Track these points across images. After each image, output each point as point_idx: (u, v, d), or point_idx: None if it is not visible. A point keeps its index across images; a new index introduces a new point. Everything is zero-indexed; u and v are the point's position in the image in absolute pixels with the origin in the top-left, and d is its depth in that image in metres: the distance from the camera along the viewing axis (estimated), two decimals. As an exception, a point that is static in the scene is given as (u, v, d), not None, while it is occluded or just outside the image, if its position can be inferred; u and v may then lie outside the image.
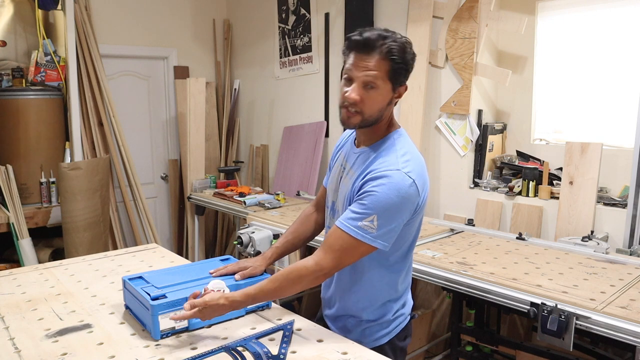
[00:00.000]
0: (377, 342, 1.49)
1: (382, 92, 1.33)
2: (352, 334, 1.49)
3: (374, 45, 1.29)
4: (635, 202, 2.40)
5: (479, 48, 3.01)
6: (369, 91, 1.32)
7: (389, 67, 1.31)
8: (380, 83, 1.31)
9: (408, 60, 1.34)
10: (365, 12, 3.55)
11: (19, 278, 1.83)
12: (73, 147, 3.77)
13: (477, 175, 3.13)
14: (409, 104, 3.31)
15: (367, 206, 1.29)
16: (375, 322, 1.49)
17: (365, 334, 1.49)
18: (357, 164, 1.43)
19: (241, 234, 2.74)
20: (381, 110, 1.36)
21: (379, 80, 1.31)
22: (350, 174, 1.45)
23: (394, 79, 1.33)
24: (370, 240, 1.30)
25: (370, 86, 1.31)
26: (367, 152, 1.42)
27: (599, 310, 1.66)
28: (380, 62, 1.30)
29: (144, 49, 4.51)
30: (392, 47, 1.29)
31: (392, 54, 1.30)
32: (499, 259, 2.22)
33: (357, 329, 1.50)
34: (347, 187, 1.43)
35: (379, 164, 1.34)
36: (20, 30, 3.88)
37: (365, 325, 1.49)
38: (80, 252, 3.44)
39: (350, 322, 1.51)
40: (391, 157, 1.35)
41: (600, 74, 2.78)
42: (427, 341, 3.03)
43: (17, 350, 1.28)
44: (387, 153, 1.37)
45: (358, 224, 1.29)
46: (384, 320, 1.49)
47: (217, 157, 4.86)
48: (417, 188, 1.33)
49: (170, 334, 1.35)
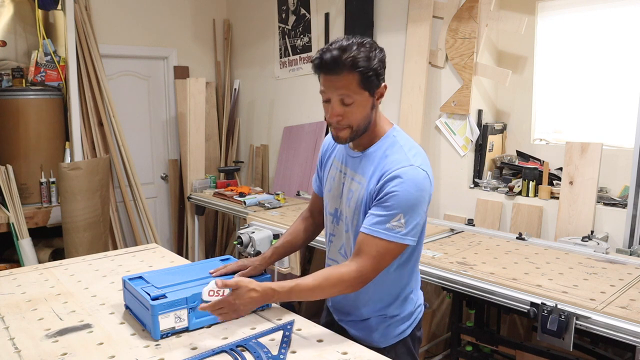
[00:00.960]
0: (401, 336, 1.51)
1: (360, 103, 1.34)
2: (376, 332, 1.50)
3: (337, 62, 1.29)
4: (635, 202, 2.40)
5: (479, 48, 3.01)
6: (348, 107, 1.33)
7: (358, 79, 1.31)
8: (356, 96, 1.32)
9: (375, 65, 1.32)
10: (365, 12, 3.55)
11: (19, 278, 1.83)
12: (73, 147, 3.77)
13: (477, 175, 3.13)
14: (409, 104, 3.32)
15: (391, 207, 1.31)
16: (399, 317, 1.51)
17: (390, 330, 1.51)
18: (362, 168, 1.43)
19: (241, 234, 2.74)
20: (367, 117, 1.37)
21: (352, 93, 1.32)
22: (357, 179, 1.44)
23: (367, 87, 1.33)
24: (401, 239, 1.32)
25: (346, 103, 1.33)
26: (370, 154, 1.42)
27: (599, 310, 1.66)
28: (347, 76, 1.30)
29: (144, 49, 4.51)
30: (355, 58, 1.28)
31: (357, 66, 1.29)
32: (499, 259, 2.22)
33: (382, 325, 1.50)
34: (359, 193, 1.41)
35: (390, 164, 1.36)
36: (20, 30, 3.88)
37: (389, 321, 1.50)
38: (80, 252, 3.44)
39: (374, 321, 1.51)
40: (400, 155, 1.37)
41: (600, 74, 2.78)
42: (427, 341, 3.03)
43: (17, 350, 1.28)
44: (395, 151, 1.38)
45: (386, 226, 1.31)
46: (407, 313, 1.52)
47: (217, 157, 4.86)
48: (430, 179, 1.37)
49: (170, 334, 1.35)
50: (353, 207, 1.43)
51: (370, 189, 1.38)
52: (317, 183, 1.69)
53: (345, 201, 1.47)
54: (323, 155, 1.64)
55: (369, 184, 1.38)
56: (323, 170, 1.63)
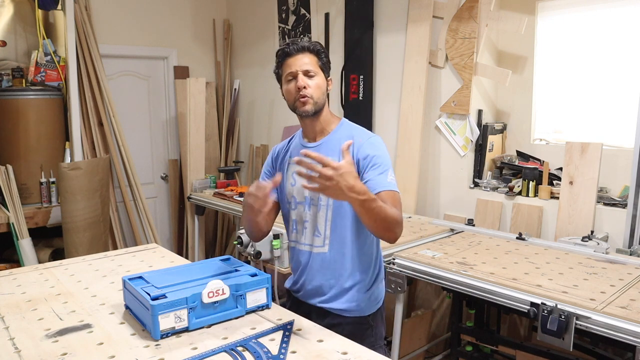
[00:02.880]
0: (378, 305, 1.70)
1: (320, 79, 1.62)
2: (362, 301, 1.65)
3: (303, 47, 1.61)
4: (635, 202, 2.40)
5: (479, 48, 3.01)
6: (312, 79, 1.60)
7: (318, 61, 1.63)
8: (317, 71, 1.62)
9: (324, 52, 1.66)
10: (365, 12, 3.55)
11: (19, 278, 1.83)
12: (73, 147, 3.77)
13: (477, 175, 3.13)
14: (409, 104, 3.32)
15: (381, 166, 1.55)
16: (376, 282, 1.69)
17: (373, 296, 1.68)
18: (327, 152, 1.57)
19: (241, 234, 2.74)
20: (324, 94, 1.63)
21: (315, 68, 1.61)
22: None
23: (324, 70, 1.64)
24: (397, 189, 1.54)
25: (311, 74, 1.60)
26: (330, 141, 1.64)
27: (599, 310, 1.66)
28: (311, 57, 1.62)
29: (144, 49, 4.51)
30: (315, 46, 1.63)
31: (316, 51, 1.63)
32: (499, 259, 2.22)
33: (364, 295, 1.66)
34: None
35: (360, 137, 1.61)
36: (20, 30, 3.88)
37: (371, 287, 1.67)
38: (80, 252, 3.44)
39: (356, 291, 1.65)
40: (361, 131, 1.66)
41: (600, 74, 2.78)
42: (427, 341, 3.03)
43: (17, 350, 1.28)
44: (357, 131, 1.66)
45: (388, 180, 1.53)
46: (379, 279, 1.71)
47: (217, 157, 4.86)
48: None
49: (170, 334, 1.35)
50: None
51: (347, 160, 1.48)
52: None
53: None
54: (275, 160, 1.80)
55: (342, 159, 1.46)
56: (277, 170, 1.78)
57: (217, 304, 1.42)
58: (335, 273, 1.64)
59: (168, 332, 1.34)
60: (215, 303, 1.42)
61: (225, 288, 1.44)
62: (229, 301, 1.44)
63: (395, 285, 2.25)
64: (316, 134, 1.68)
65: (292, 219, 1.72)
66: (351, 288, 1.65)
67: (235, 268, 1.60)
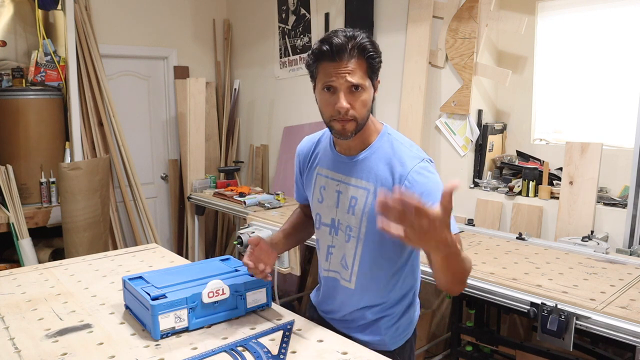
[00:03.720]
0: (406, 337, 1.51)
1: (367, 92, 1.31)
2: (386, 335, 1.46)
3: (346, 48, 1.26)
4: (635, 202, 2.40)
5: (479, 48, 3.01)
6: (356, 94, 1.28)
7: (366, 65, 1.29)
8: (364, 83, 1.29)
9: (380, 53, 1.32)
10: (365, 12, 3.55)
11: (19, 278, 1.83)
12: (73, 147, 3.77)
13: (477, 175, 3.13)
14: (409, 104, 3.32)
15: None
16: (406, 314, 1.49)
17: (399, 331, 1.48)
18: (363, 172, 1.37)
19: (241, 234, 2.74)
20: (369, 109, 1.33)
21: (362, 80, 1.28)
22: (360, 184, 1.38)
23: (372, 75, 1.31)
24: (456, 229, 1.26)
25: (355, 88, 1.28)
26: (369, 159, 1.37)
27: (599, 310, 1.66)
28: (357, 62, 1.27)
29: (144, 49, 4.51)
30: (364, 44, 1.27)
31: (367, 51, 1.28)
32: (499, 259, 2.22)
33: (391, 327, 1.47)
34: (366, 198, 1.36)
35: (401, 166, 1.33)
36: (20, 30, 3.88)
37: (398, 320, 1.48)
38: (80, 252, 3.44)
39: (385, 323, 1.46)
40: (404, 153, 1.36)
41: (600, 74, 2.78)
42: (427, 341, 3.03)
43: (17, 350, 1.28)
44: (399, 152, 1.36)
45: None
46: (411, 310, 1.51)
47: (217, 157, 4.86)
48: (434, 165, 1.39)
49: (170, 334, 1.35)
50: (360, 214, 1.37)
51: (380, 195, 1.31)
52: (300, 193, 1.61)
53: (345, 210, 1.40)
54: (302, 164, 1.55)
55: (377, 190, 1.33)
56: (306, 181, 1.55)
57: (217, 304, 1.42)
58: (361, 308, 1.47)
59: (168, 332, 1.34)
60: (215, 303, 1.42)
61: (225, 288, 1.43)
62: (229, 301, 1.44)
63: (395, 285, 2.25)
64: (355, 147, 1.40)
65: (317, 238, 1.54)
66: (378, 320, 1.46)
67: (235, 268, 1.60)
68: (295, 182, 1.62)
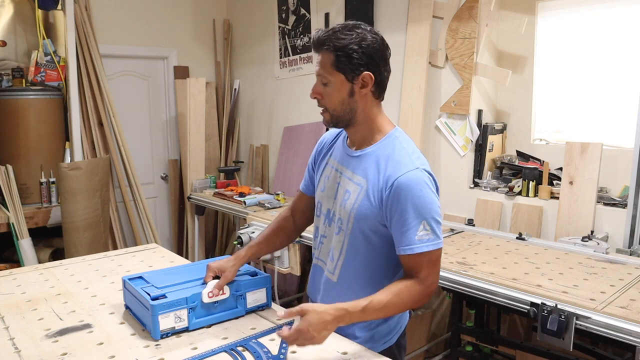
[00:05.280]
0: (387, 344, 1.47)
1: (335, 86, 1.32)
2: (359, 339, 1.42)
3: (321, 42, 1.31)
4: (635, 202, 2.40)
5: (479, 48, 3.01)
6: (326, 87, 1.34)
7: (331, 59, 1.30)
8: (330, 77, 1.32)
9: (349, 48, 1.28)
10: (365, 12, 3.55)
11: (19, 278, 1.83)
12: (73, 147, 3.76)
13: (477, 175, 3.13)
14: (409, 104, 3.31)
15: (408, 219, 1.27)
16: (385, 323, 1.46)
17: (375, 338, 1.45)
18: (362, 168, 1.38)
19: (241, 234, 2.74)
20: (343, 103, 1.34)
21: (327, 74, 1.32)
22: (355, 180, 1.39)
23: (341, 69, 1.30)
24: (434, 245, 1.30)
25: (323, 83, 1.34)
26: (370, 154, 1.38)
27: (599, 310, 1.66)
28: (325, 56, 1.31)
29: (144, 49, 4.51)
30: (330, 39, 1.29)
31: (330, 46, 1.29)
32: (499, 259, 2.22)
33: (366, 334, 1.44)
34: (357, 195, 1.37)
35: (394, 169, 1.31)
36: (20, 30, 3.88)
37: (375, 329, 1.45)
38: (80, 252, 3.44)
39: (359, 329, 1.44)
40: (403, 157, 1.33)
41: (601, 74, 2.78)
42: (427, 341, 3.03)
43: (17, 350, 1.28)
44: (398, 154, 1.34)
45: (415, 239, 1.27)
46: (393, 319, 1.48)
47: (217, 157, 4.86)
48: (434, 180, 1.34)
49: (170, 334, 1.35)
50: (349, 209, 1.38)
51: (373, 192, 1.33)
52: (306, 181, 1.63)
53: (339, 202, 1.42)
54: (318, 154, 1.59)
55: (371, 188, 1.34)
56: (317, 168, 1.57)
57: (217, 304, 1.42)
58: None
59: (168, 332, 1.34)
60: (215, 303, 1.42)
61: (226, 288, 1.44)
62: (229, 301, 1.45)
63: (395, 285, 2.25)
64: (358, 141, 1.42)
65: (315, 225, 1.55)
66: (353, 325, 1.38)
67: None
68: (307, 168, 1.64)
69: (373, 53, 1.30)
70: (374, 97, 1.36)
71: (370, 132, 1.39)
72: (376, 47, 1.31)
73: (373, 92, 1.35)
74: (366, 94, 1.34)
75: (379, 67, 1.33)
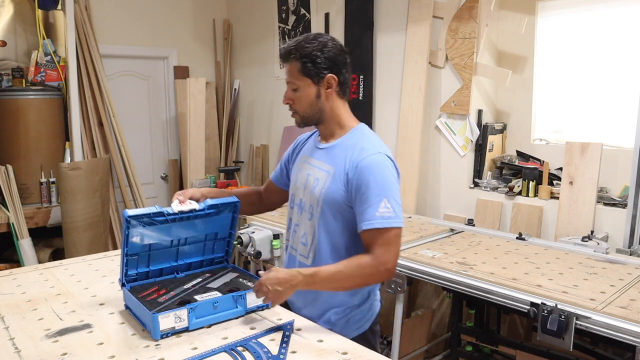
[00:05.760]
0: (360, 330, 1.56)
1: (304, 90, 1.48)
2: (336, 326, 1.53)
3: (286, 53, 1.48)
4: (635, 202, 2.40)
5: (479, 48, 3.01)
6: (295, 93, 1.50)
7: (298, 66, 1.46)
8: (298, 82, 1.48)
9: (313, 54, 1.44)
10: (365, 12, 3.55)
11: (19, 278, 1.83)
12: (73, 147, 3.77)
13: (477, 175, 3.13)
14: (409, 104, 3.31)
15: (371, 196, 1.39)
16: (359, 308, 1.56)
17: (350, 323, 1.55)
18: (330, 158, 1.51)
19: (241, 234, 2.74)
20: (312, 104, 1.50)
21: (295, 80, 1.48)
22: (324, 168, 1.52)
23: (307, 74, 1.46)
24: (394, 222, 1.39)
25: (293, 89, 1.50)
26: (338, 145, 1.52)
27: (599, 310, 1.66)
28: (291, 65, 1.48)
29: (144, 49, 4.51)
30: (294, 49, 1.46)
31: (294, 55, 1.46)
32: (499, 259, 2.22)
33: (342, 320, 1.55)
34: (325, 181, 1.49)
35: (358, 154, 1.45)
36: (20, 30, 3.88)
37: (350, 314, 1.55)
38: (80, 252, 3.44)
39: (334, 314, 1.55)
40: (366, 144, 1.47)
41: (601, 74, 2.78)
42: (427, 341, 3.03)
43: (17, 350, 1.28)
44: (362, 142, 1.48)
45: (376, 214, 1.38)
46: (366, 305, 1.58)
47: (217, 157, 4.86)
48: (396, 167, 1.48)
49: (170, 334, 1.35)
50: (318, 194, 1.50)
51: (339, 176, 1.46)
52: (276, 173, 1.79)
53: (310, 190, 1.54)
54: (293, 151, 1.73)
55: (337, 172, 1.47)
56: (291, 165, 1.71)
57: (217, 303, 1.42)
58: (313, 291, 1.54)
59: (168, 332, 1.34)
60: (215, 303, 1.42)
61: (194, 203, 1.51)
62: (229, 301, 1.45)
63: (395, 285, 2.25)
64: (327, 136, 1.58)
65: (289, 217, 1.68)
66: (328, 310, 1.55)
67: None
68: (281, 163, 1.78)
69: (334, 57, 1.47)
70: (338, 97, 1.52)
71: (338, 128, 1.55)
72: (337, 52, 1.47)
73: (337, 93, 1.51)
74: (331, 95, 1.50)
75: (341, 70, 1.49)
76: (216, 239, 1.67)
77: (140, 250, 1.51)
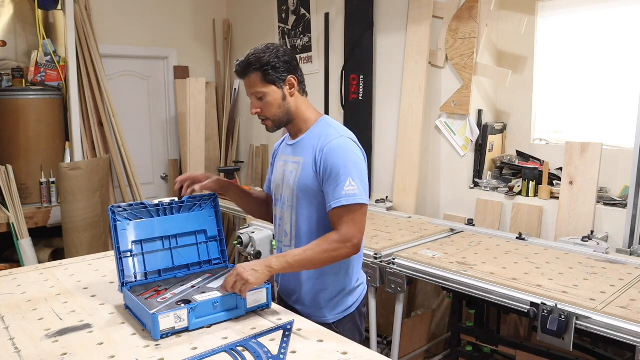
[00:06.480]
0: (348, 311, 1.64)
1: (270, 96, 1.57)
2: (324, 309, 1.62)
3: (245, 67, 1.57)
4: (635, 202, 2.40)
5: (479, 48, 3.01)
6: (262, 101, 1.58)
7: (260, 76, 1.55)
8: (264, 90, 1.56)
9: (272, 62, 1.55)
10: (365, 12, 3.55)
11: (19, 278, 1.83)
12: (73, 147, 3.77)
13: (477, 175, 3.13)
14: (409, 104, 3.32)
15: (337, 176, 1.48)
16: (345, 291, 1.63)
17: (338, 305, 1.63)
18: (300, 151, 1.62)
19: (241, 234, 2.74)
20: (280, 107, 1.59)
21: (260, 89, 1.56)
22: (295, 160, 1.62)
23: (270, 80, 1.56)
24: (360, 199, 1.48)
25: (259, 98, 1.58)
26: (305, 139, 1.62)
27: (599, 310, 1.66)
28: (252, 76, 1.56)
29: (144, 49, 4.52)
30: (252, 61, 1.55)
31: (254, 67, 1.55)
32: (499, 259, 2.22)
33: (329, 303, 1.62)
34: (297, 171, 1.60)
35: (324, 139, 1.55)
36: (20, 30, 3.88)
37: (337, 297, 1.62)
38: (80, 252, 3.44)
39: (322, 297, 1.62)
40: (330, 131, 1.58)
41: (601, 74, 2.78)
42: (427, 341, 3.03)
43: (17, 350, 1.28)
44: (327, 130, 1.58)
45: (342, 193, 1.47)
46: (351, 287, 1.65)
47: (217, 157, 4.86)
48: (361, 149, 1.57)
49: (170, 334, 1.35)
50: (292, 184, 1.60)
51: (309, 164, 1.56)
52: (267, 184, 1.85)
53: (286, 182, 1.64)
54: (273, 157, 1.83)
55: (307, 161, 1.57)
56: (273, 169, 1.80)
57: (217, 303, 1.42)
58: (297, 276, 1.64)
59: (168, 332, 1.34)
60: (216, 303, 1.42)
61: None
62: (229, 301, 1.45)
63: (395, 285, 2.25)
64: (296, 133, 1.68)
65: (274, 214, 1.76)
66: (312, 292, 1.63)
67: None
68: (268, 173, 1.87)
69: (289, 60, 1.59)
70: (299, 94, 1.63)
71: (303, 123, 1.64)
72: (290, 55, 1.59)
73: (299, 91, 1.62)
74: (294, 94, 1.60)
75: (297, 70, 1.61)
76: (207, 239, 1.69)
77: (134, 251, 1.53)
